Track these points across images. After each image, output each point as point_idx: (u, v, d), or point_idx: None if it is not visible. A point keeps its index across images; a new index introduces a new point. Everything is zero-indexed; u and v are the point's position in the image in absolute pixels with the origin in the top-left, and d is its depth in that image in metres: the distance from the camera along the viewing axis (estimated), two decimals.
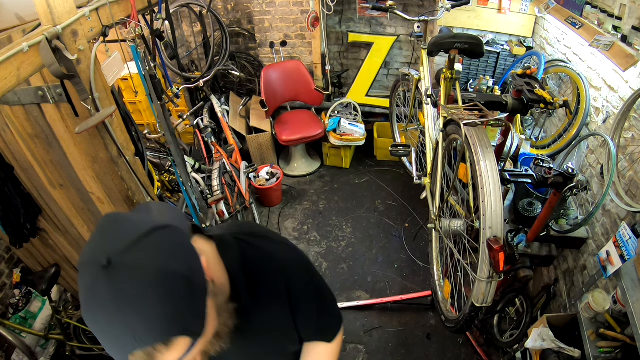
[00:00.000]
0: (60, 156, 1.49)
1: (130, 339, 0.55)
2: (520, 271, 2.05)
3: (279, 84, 3.85)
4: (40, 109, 1.34)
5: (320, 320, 0.99)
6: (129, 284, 0.55)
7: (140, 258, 0.57)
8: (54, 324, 2.41)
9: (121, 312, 0.54)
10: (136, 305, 0.55)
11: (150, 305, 0.55)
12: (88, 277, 0.56)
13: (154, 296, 0.56)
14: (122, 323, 0.55)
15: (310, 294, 0.94)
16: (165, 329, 0.57)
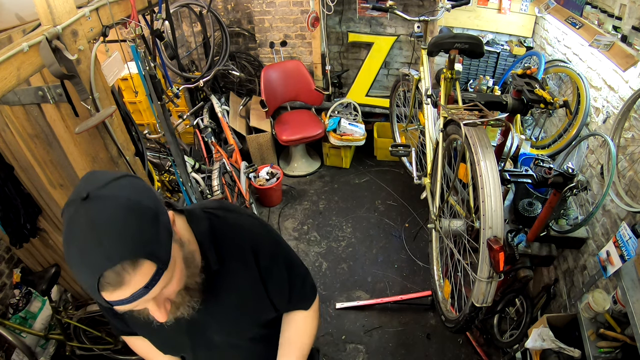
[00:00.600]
0: (60, 156, 1.49)
1: (101, 258, 0.61)
2: (520, 271, 2.05)
3: (279, 84, 3.85)
4: (40, 109, 1.34)
5: (293, 290, 1.03)
6: (102, 210, 0.63)
7: (114, 191, 0.65)
8: (54, 324, 2.41)
9: (95, 233, 0.61)
10: (108, 226, 0.62)
11: (120, 226, 0.63)
12: (68, 213, 0.64)
13: (124, 218, 0.63)
14: (95, 244, 0.61)
15: (279, 264, 0.99)
16: (132, 248, 0.63)
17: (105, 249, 0.61)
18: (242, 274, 0.93)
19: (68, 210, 0.65)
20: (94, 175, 0.69)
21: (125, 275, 0.63)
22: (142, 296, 0.66)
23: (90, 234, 0.61)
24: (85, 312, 2.31)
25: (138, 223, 0.65)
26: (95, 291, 0.63)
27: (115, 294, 0.64)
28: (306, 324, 1.10)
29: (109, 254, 0.61)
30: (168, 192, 3.15)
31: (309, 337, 1.10)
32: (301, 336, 1.08)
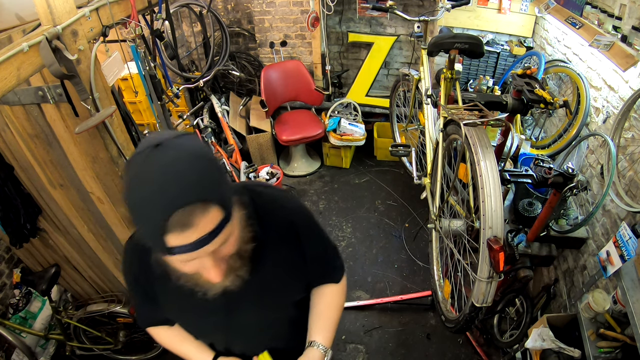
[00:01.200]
0: (60, 156, 1.49)
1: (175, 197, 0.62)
2: (520, 271, 2.05)
3: (279, 84, 3.85)
4: (40, 109, 1.34)
5: (328, 262, 1.09)
6: (177, 155, 0.65)
7: (185, 142, 0.67)
8: (54, 324, 2.41)
9: (169, 174, 0.63)
10: (182, 168, 0.64)
11: (194, 169, 0.65)
12: (139, 159, 0.65)
13: (198, 163, 0.66)
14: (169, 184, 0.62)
15: (316, 236, 1.04)
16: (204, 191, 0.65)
17: (179, 188, 0.62)
18: (283, 247, 0.95)
19: (137, 157, 0.66)
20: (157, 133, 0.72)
21: (195, 217, 0.64)
22: (205, 243, 0.66)
23: (164, 175, 0.63)
24: (85, 312, 2.31)
25: (211, 169, 0.68)
26: (162, 233, 0.63)
27: (182, 237, 0.64)
28: (337, 297, 1.12)
29: (183, 193, 0.62)
30: None
31: (339, 311, 1.12)
32: (332, 309, 1.10)
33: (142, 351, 2.58)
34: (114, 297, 2.30)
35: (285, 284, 1.00)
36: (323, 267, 1.08)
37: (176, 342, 1.09)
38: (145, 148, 0.65)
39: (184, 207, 0.62)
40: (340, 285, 1.14)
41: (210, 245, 0.68)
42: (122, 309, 2.23)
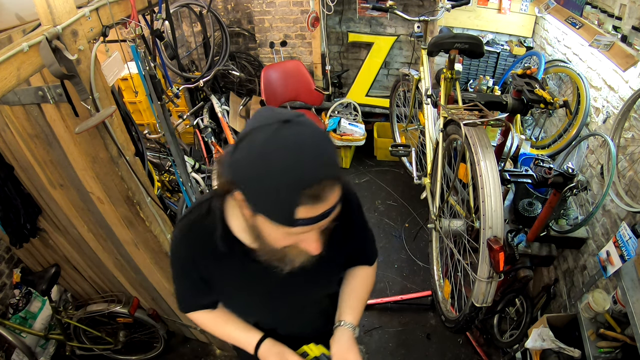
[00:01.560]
0: (60, 156, 1.49)
1: (312, 172, 0.64)
2: (520, 271, 2.05)
3: (279, 84, 3.85)
4: (40, 109, 1.34)
5: (367, 242, 1.14)
6: (308, 133, 0.67)
7: (308, 121, 0.69)
8: (54, 324, 2.41)
9: (304, 148, 0.65)
10: (316, 144, 0.66)
11: (326, 149, 0.68)
12: (264, 134, 0.65)
13: (327, 144, 0.69)
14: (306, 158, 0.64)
15: (362, 219, 1.07)
16: (336, 170, 0.69)
17: (317, 164, 0.65)
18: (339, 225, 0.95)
19: (262, 131, 0.65)
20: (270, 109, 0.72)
21: (327, 191, 0.66)
22: (325, 217, 0.70)
23: (301, 150, 0.64)
24: (85, 312, 2.31)
25: (334, 148, 0.71)
26: (293, 206, 0.65)
27: (312, 210, 0.66)
28: (369, 279, 1.15)
29: (320, 169, 0.65)
30: (168, 192, 3.15)
31: (368, 293, 1.15)
32: (364, 290, 1.13)
33: (142, 351, 2.58)
34: (114, 297, 2.30)
35: (336, 261, 1.03)
36: (362, 249, 1.13)
37: (220, 324, 1.10)
38: (272, 123, 0.66)
39: (319, 182, 0.65)
40: (372, 268, 1.18)
41: (328, 219, 0.71)
42: (122, 309, 2.23)
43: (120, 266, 2.06)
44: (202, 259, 0.94)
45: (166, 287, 2.03)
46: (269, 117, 0.67)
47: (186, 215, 0.98)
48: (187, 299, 1.09)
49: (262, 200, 0.67)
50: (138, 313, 2.27)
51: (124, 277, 2.16)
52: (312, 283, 1.02)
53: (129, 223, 1.68)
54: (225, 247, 0.87)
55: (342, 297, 1.11)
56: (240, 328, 1.07)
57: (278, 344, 1.02)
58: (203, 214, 0.91)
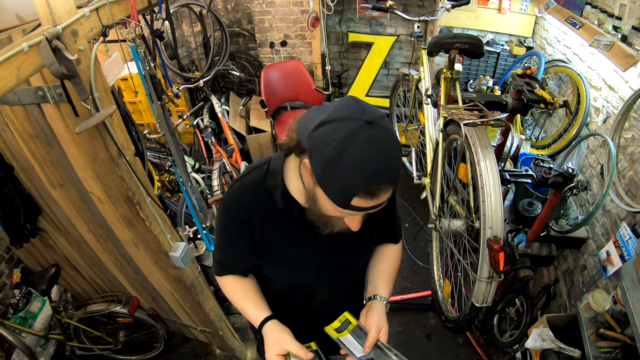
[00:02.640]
0: (60, 156, 1.49)
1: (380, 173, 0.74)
2: (520, 271, 2.05)
3: (279, 84, 3.85)
4: (40, 109, 1.34)
5: (395, 220, 1.21)
6: (386, 138, 0.76)
7: (389, 125, 0.78)
8: (54, 324, 2.41)
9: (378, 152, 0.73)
10: (391, 151, 0.76)
11: (397, 155, 0.79)
12: (349, 127, 0.73)
13: (399, 150, 0.80)
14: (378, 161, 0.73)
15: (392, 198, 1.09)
16: (397, 175, 0.79)
17: (387, 168, 0.75)
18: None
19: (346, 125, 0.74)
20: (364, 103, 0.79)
21: (383, 192, 0.77)
22: (374, 209, 0.80)
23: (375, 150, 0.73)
24: (85, 312, 2.31)
25: (401, 157, 0.82)
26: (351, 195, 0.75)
27: (364, 202, 0.77)
28: (396, 256, 1.23)
29: (387, 173, 0.75)
30: (168, 192, 3.15)
31: (397, 269, 1.23)
32: (393, 268, 1.21)
33: (142, 351, 2.58)
34: (114, 297, 2.30)
35: (371, 229, 1.11)
36: (390, 227, 1.20)
37: (239, 295, 1.14)
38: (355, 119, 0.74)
39: (378, 184, 0.75)
40: (399, 245, 1.25)
41: (375, 210, 0.81)
42: (122, 309, 2.23)
43: (120, 266, 2.06)
44: (258, 217, 1.00)
45: (166, 287, 2.03)
46: (357, 112, 0.75)
47: (243, 176, 1.04)
48: (225, 262, 1.14)
49: (328, 179, 0.76)
50: (138, 313, 2.27)
51: (124, 277, 2.16)
52: (349, 250, 1.10)
53: (129, 223, 1.67)
54: (283, 205, 0.96)
55: (375, 273, 1.19)
56: (253, 303, 1.11)
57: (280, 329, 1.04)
58: (263, 174, 0.99)
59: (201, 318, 2.22)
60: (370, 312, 1.07)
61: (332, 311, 1.12)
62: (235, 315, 2.79)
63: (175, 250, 1.78)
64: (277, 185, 0.96)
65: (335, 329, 1.08)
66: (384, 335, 1.04)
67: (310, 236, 0.98)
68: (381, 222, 1.13)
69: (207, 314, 2.13)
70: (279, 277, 1.14)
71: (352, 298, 1.23)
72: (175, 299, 2.13)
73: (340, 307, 1.14)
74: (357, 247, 1.12)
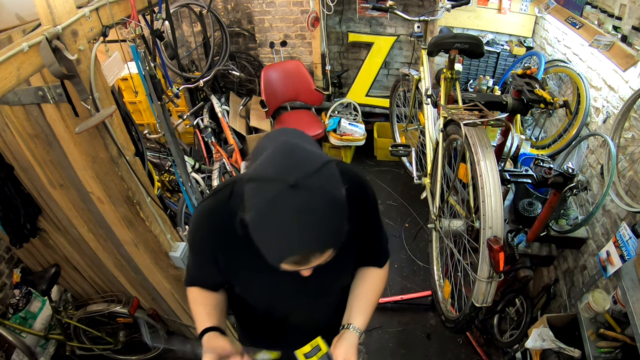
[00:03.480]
0: (60, 156, 1.49)
1: (299, 244, 0.69)
2: (520, 271, 2.05)
3: (279, 84, 3.85)
4: (40, 109, 1.34)
5: (380, 242, 1.14)
6: (310, 202, 0.67)
7: (320, 183, 0.69)
8: (54, 324, 2.41)
9: (299, 222, 0.67)
10: (313, 219, 0.68)
11: (323, 221, 0.69)
12: (271, 191, 0.67)
13: (327, 214, 0.69)
14: (297, 231, 0.67)
15: (377, 218, 1.10)
16: (327, 241, 0.72)
17: (306, 238, 0.68)
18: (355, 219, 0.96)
19: (268, 188, 0.68)
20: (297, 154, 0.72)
21: (312, 259, 0.72)
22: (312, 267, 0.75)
23: (295, 222, 0.67)
24: (85, 312, 2.31)
25: (336, 219, 0.71)
26: (278, 263, 0.72)
27: (295, 267, 0.74)
28: (379, 281, 1.16)
29: (307, 243, 0.69)
30: (168, 192, 3.15)
31: (378, 297, 1.15)
32: (373, 294, 1.14)
33: (142, 351, 2.58)
34: (114, 297, 2.30)
35: (351, 254, 1.06)
36: (375, 249, 1.14)
37: (196, 303, 1.11)
38: (279, 181, 0.67)
39: (303, 255, 0.71)
40: (383, 270, 1.18)
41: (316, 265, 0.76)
42: (122, 309, 2.23)
43: (120, 266, 2.06)
44: (222, 239, 0.97)
45: (166, 287, 2.03)
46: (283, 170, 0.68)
47: (211, 196, 1.01)
48: (192, 274, 1.12)
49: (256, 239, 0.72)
50: (138, 313, 2.27)
51: (124, 277, 2.16)
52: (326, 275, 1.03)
53: (129, 223, 1.68)
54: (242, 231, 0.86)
55: (353, 299, 1.12)
56: (201, 312, 1.08)
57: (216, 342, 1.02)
58: (226, 196, 0.94)
59: None
60: (339, 342, 1.02)
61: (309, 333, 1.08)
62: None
63: (175, 250, 1.79)
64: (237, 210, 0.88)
65: (304, 354, 1.05)
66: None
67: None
68: (364, 243, 1.07)
69: None
70: (251, 300, 1.11)
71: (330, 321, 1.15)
72: (175, 299, 2.13)
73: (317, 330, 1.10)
74: (332, 273, 1.04)
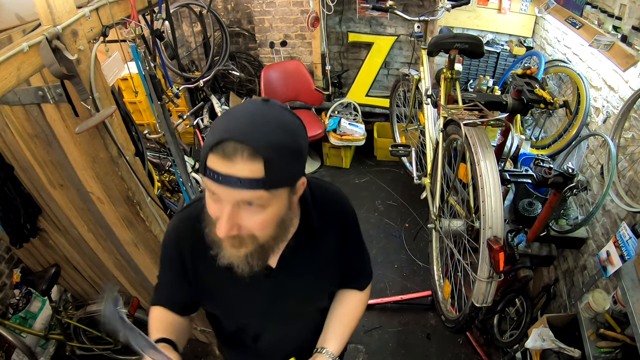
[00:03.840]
0: (60, 156, 1.49)
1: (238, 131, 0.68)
2: (520, 271, 2.05)
3: (279, 84, 3.85)
4: (40, 109, 1.34)
5: (361, 264, 1.11)
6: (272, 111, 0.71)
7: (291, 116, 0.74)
8: (54, 324, 2.41)
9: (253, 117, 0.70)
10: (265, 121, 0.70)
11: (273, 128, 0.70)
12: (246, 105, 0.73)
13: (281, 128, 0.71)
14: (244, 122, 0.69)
15: (357, 236, 1.07)
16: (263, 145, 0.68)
17: (246, 126, 0.69)
18: (332, 238, 0.98)
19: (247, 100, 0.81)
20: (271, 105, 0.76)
21: (237, 154, 0.67)
22: (230, 185, 0.68)
23: (248, 115, 0.70)
24: (85, 312, 2.31)
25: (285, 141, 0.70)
26: (208, 149, 0.69)
27: (217, 163, 0.68)
28: (359, 306, 1.12)
29: (245, 132, 0.68)
30: (168, 192, 3.15)
31: (356, 321, 1.11)
32: (351, 319, 1.10)
33: None
34: None
35: (326, 275, 1.03)
36: (355, 270, 1.10)
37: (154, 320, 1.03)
38: (254, 100, 0.75)
39: (236, 141, 0.67)
40: (364, 294, 1.14)
41: (233, 191, 0.69)
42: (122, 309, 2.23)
43: (120, 266, 2.06)
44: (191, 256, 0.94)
45: None
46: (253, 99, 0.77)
47: (184, 209, 0.98)
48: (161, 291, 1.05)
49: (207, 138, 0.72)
50: (138, 313, 2.27)
51: (124, 277, 2.16)
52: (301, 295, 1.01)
53: (129, 223, 1.68)
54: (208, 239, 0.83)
55: (329, 322, 1.08)
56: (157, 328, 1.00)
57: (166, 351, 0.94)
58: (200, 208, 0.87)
59: (201, 318, 2.22)
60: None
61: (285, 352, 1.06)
62: None
63: None
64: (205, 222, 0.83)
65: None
66: None
67: (250, 281, 0.86)
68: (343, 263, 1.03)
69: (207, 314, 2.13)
70: (222, 317, 1.07)
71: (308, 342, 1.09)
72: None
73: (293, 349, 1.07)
74: (305, 294, 1.02)
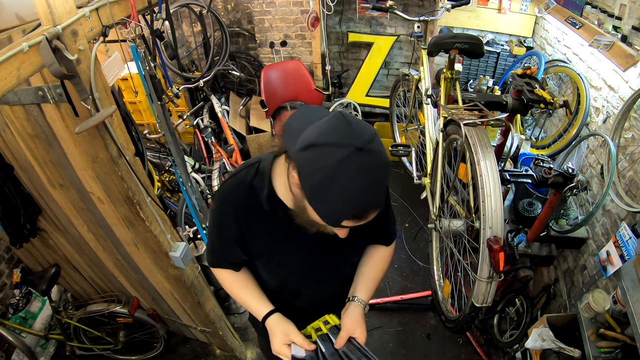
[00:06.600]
0: (60, 156, 1.49)
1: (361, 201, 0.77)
2: (520, 271, 2.05)
3: (279, 84, 3.84)
4: (40, 109, 1.34)
5: (389, 222, 1.21)
6: (373, 164, 0.76)
7: (378, 148, 0.78)
8: (54, 324, 2.41)
9: (365, 183, 0.75)
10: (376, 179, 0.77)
11: (382, 181, 0.80)
12: (340, 154, 0.74)
13: (384, 174, 0.79)
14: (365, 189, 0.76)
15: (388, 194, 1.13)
16: (383, 199, 0.81)
17: (373, 195, 0.78)
18: None
19: (335, 152, 0.74)
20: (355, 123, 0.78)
21: (370, 214, 0.81)
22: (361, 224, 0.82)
23: (361, 180, 0.74)
24: (85, 312, 2.31)
25: (387, 178, 0.82)
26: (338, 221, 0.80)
27: (353, 223, 0.81)
28: (385, 260, 1.23)
29: (374, 200, 0.79)
30: (168, 192, 3.15)
31: (383, 273, 1.23)
32: (378, 271, 1.21)
33: (142, 351, 2.58)
34: (114, 297, 2.30)
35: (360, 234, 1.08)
36: (383, 228, 1.20)
37: (237, 288, 1.17)
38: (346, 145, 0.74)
39: (366, 210, 0.79)
40: (389, 249, 1.25)
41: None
42: (122, 309, 2.23)
43: (120, 266, 2.06)
44: (245, 215, 1.02)
45: (166, 287, 2.03)
46: (346, 136, 0.75)
47: (235, 174, 1.05)
48: (217, 254, 1.16)
49: (317, 203, 0.79)
50: (138, 313, 2.28)
51: (124, 277, 2.16)
52: (338, 250, 1.10)
53: (129, 223, 1.68)
54: (268, 206, 0.97)
55: (359, 274, 1.20)
56: (254, 297, 1.15)
57: (285, 321, 1.08)
58: (252, 174, 1.00)
59: (201, 318, 2.22)
60: (346, 315, 1.09)
61: (320, 309, 1.14)
62: (235, 316, 2.79)
63: (175, 250, 1.78)
64: (263, 187, 0.97)
65: (315, 329, 1.10)
66: (360, 336, 1.06)
67: (296, 237, 0.99)
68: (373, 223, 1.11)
69: (207, 314, 2.13)
70: (266, 274, 1.16)
71: (340, 297, 1.23)
72: (175, 299, 2.13)
73: (328, 305, 1.16)
74: (344, 249, 1.12)
